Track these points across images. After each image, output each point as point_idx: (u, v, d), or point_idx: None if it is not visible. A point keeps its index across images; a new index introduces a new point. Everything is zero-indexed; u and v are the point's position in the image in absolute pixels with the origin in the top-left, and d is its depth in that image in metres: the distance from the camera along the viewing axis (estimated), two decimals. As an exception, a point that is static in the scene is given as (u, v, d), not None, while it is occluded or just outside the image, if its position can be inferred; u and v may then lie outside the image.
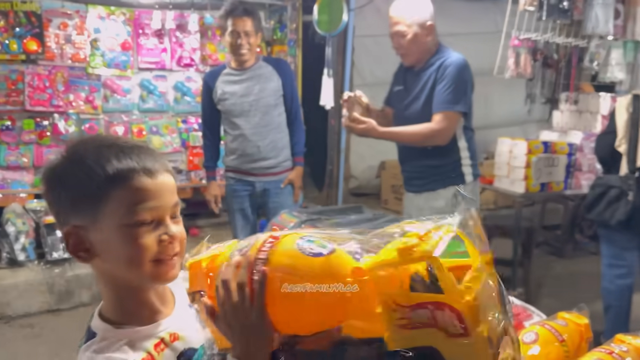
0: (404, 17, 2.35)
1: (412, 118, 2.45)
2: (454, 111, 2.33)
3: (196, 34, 4.22)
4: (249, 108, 2.93)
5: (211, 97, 2.97)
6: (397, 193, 5.32)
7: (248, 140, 2.95)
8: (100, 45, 4.01)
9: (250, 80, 2.94)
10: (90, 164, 0.81)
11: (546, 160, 3.09)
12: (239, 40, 2.82)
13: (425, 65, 2.41)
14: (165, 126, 4.31)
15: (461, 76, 2.33)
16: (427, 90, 2.39)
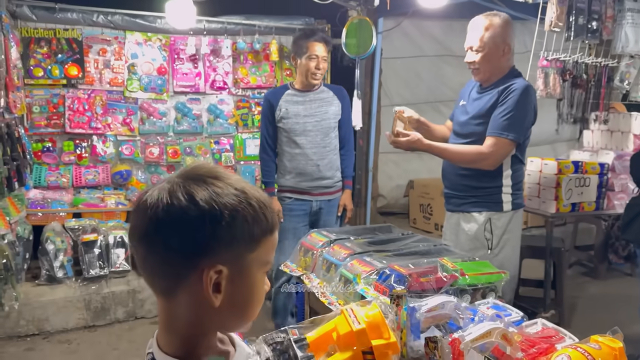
0: (482, 32, 2.34)
1: (466, 136, 2.45)
2: (507, 138, 2.30)
3: (229, 58, 4.36)
4: (311, 128, 3.07)
5: (273, 115, 3.10)
6: (426, 212, 5.31)
7: (309, 158, 3.08)
8: (137, 70, 4.18)
9: (313, 102, 3.10)
10: (257, 209, 0.80)
11: (577, 180, 3.07)
12: (318, 64, 2.98)
13: (492, 85, 2.40)
14: (198, 147, 4.44)
15: (523, 105, 2.29)
16: (485, 111, 2.38)
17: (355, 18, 3.87)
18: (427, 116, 6.03)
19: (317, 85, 3.10)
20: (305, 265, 2.57)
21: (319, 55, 2.98)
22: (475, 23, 2.38)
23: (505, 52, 2.36)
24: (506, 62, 2.40)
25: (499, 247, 2.47)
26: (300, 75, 3.07)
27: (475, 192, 2.46)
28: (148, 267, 0.81)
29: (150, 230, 0.77)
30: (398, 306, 1.81)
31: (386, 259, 2.19)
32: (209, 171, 0.82)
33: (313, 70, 3.00)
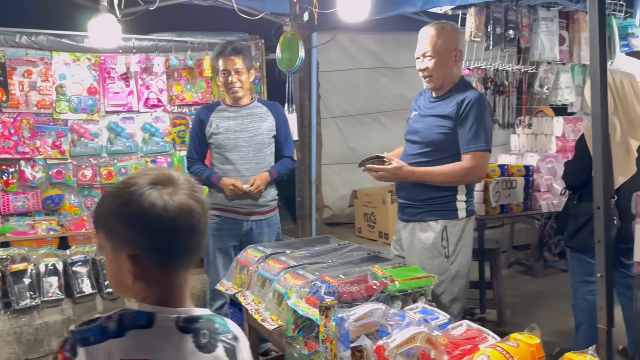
0: (435, 40, 2.38)
1: (421, 143, 2.46)
2: (483, 150, 2.34)
3: (163, 75, 4.29)
4: (243, 144, 3.01)
5: (204, 131, 3.04)
6: (370, 221, 5.38)
7: (241, 175, 3.00)
8: (66, 91, 4.04)
9: (245, 117, 3.05)
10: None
11: (504, 183, 3.19)
12: (230, 78, 2.96)
13: (446, 94, 2.43)
14: (134, 167, 4.33)
15: (483, 114, 2.34)
16: (444, 114, 2.38)
17: (288, 33, 3.91)
18: (368, 127, 6.17)
19: (247, 100, 3.06)
20: (242, 282, 2.55)
21: (230, 70, 2.94)
22: (427, 31, 2.43)
23: (457, 58, 2.42)
24: (457, 69, 2.46)
25: (455, 255, 2.48)
26: (225, 92, 3.06)
27: (432, 202, 2.46)
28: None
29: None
30: (327, 318, 1.82)
31: (319, 271, 2.20)
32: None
33: (228, 86, 2.98)
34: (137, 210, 0.98)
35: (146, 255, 1.00)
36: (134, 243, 1.00)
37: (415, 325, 1.78)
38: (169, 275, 1.04)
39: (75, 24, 3.82)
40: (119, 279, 1.03)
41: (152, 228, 0.99)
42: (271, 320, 2.11)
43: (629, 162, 2.65)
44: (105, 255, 1.04)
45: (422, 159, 2.45)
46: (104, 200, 1.04)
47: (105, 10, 3.05)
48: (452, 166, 2.39)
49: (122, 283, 1.03)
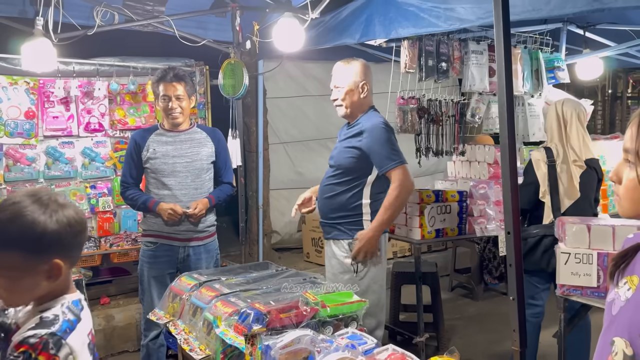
0: (344, 73, 2.70)
1: (337, 167, 2.71)
2: (400, 164, 2.58)
3: (105, 99, 4.23)
4: (181, 169, 2.97)
5: (139, 155, 2.98)
6: (317, 246, 5.40)
7: (178, 200, 2.94)
8: (1, 115, 3.93)
9: (183, 142, 3.01)
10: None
11: (439, 208, 3.30)
12: (171, 104, 2.94)
13: (356, 121, 2.71)
14: (73, 192, 4.21)
15: (389, 135, 2.62)
16: (351, 144, 2.66)
17: (232, 60, 3.95)
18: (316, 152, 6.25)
19: (185, 125, 3.04)
20: (174, 311, 2.50)
21: (171, 95, 2.93)
22: (338, 65, 2.75)
23: (363, 89, 2.68)
24: (365, 99, 2.71)
25: (365, 270, 2.67)
26: (163, 116, 3.03)
27: (341, 220, 2.70)
28: None
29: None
30: (253, 346, 1.82)
31: (251, 298, 2.19)
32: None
33: (168, 111, 2.95)
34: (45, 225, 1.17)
35: (66, 257, 1.23)
36: (61, 252, 1.21)
37: (341, 351, 1.81)
38: (70, 270, 1.28)
39: (11, 47, 3.73)
40: (30, 287, 1.21)
41: (68, 236, 1.22)
42: (199, 349, 2.08)
43: (573, 187, 2.91)
44: (9, 271, 1.17)
45: (333, 180, 2.72)
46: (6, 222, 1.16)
47: (40, 34, 3.00)
48: (390, 195, 2.59)
49: (33, 290, 1.21)
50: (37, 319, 1.19)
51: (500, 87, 1.67)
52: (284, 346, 1.87)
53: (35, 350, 1.12)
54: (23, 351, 1.12)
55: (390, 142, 2.61)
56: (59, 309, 1.23)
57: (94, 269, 4.17)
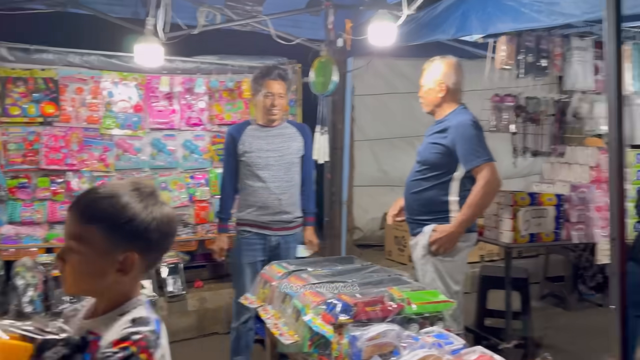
0: (426, 72, 2.81)
1: (422, 162, 2.76)
2: (488, 161, 2.56)
3: (204, 96, 4.49)
4: (273, 163, 3.11)
5: (235, 149, 3.13)
6: (400, 245, 5.37)
7: (271, 192, 3.10)
8: (113, 108, 4.29)
9: (275, 137, 3.15)
10: None
11: (534, 211, 3.16)
12: (273, 101, 3.06)
13: (442, 119, 2.75)
14: (174, 182, 4.51)
15: (476, 132, 2.62)
16: (434, 142, 2.71)
17: (323, 57, 4.03)
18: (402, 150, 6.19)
19: (278, 121, 3.17)
20: (264, 297, 2.62)
21: (274, 93, 3.04)
22: (426, 64, 2.85)
23: (442, 88, 2.71)
24: (446, 98, 2.72)
25: (433, 263, 2.68)
26: (259, 112, 3.15)
27: (427, 217, 2.73)
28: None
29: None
30: (340, 335, 1.86)
31: (338, 289, 2.25)
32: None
33: (269, 108, 3.06)
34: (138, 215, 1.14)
35: (144, 254, 1.17)
36: (138, 243, 1.16)
37: (427, 348, 1.80)
38: (142, 272, 1.23)
39: (124, 46, 4.07)
40: (98, 274, 1.15)
41: (154, 232, 1.17)
42: (288, 335, 2.17)
43: None
44: (87, 248, 1.13)
45: (419, 175, 2.75)
46: (106, 198, 1.14)
47: (150, 33, 3.25)
48: (475, 191, 2.57)
49: (100, 279, 1.15)
50: (128, 319, 1.14)
51: (609, 87, 1.58)
52: (371, 338, 1.90)
53: (138, 347, 1.08)
54: (124, 347, 1.07)
55: (477, 139, 2.59)
56: (143, 309, 1.19)
57: (190, 253, 4.44)
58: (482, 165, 2.54)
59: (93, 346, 1.12)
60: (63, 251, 1.16)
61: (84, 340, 1.13)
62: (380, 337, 1.90)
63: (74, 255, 1.14)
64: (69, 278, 1.15)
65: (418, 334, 2.01)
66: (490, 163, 2.56)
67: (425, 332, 2.01)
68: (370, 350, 1.89)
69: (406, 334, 1.95)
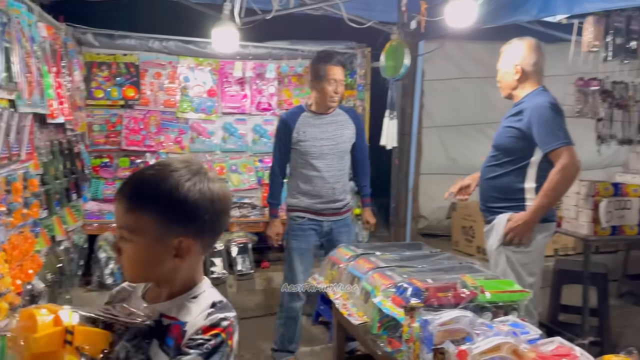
0: (501, 55, 2.70)
1: (496, 147, 2.67)
2: (567, 144, 2.44)
3: (274, 81, 4.56)
4: (328, 151, 3.08)
5: (289, 137, 3.08)
6: (468, 235, 5.24)
7: (326, 182, 3.09)
8: (189, 92, 4.45)
9: (329, 125, 3.11)
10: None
11: (617, 202, 2.98)
12: (336, 88, 3.01)
13: (519, 102, 2.64)
14: (243, 165, 4.64)
15: (554, 115, 2.49)
16: (509, 126, 2.60)
17: (394, 41, 3.97)
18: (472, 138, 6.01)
19: (333, 109, 3.11)
20: (332, 278, 2.65)
21: (337, 80, 2.98)
22: (502, 47, 2.73)
23: (517, 71, 2.60)
24: (522, 80, 2.61)
25: (505, 254, 2.58)
26: (318, 99, 3.07)
27: (503, 204, 2.63)
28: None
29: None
30: (412, 318, 1.85)
31: (407, 274, 2.23)
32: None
33: (331, 94, 2.99)
34: (192, 197, 1.06)
35: (198, 237, 1.10)
36: (191, 226, 1.08)
37: (503, 336, 1.76)
38: (203, 254, 1.17)
39: (200, 31, 4.20)
40: (155, 262, 1.08)
41: (207, 212, 1.08)
42: (357, 315, 2.18)
43: None
44: (139, 236, 1.06)
45: (494, 161, 2.65)
46: (152, 181, 1.07)
47: (227, 18, 3.33)
48: (552, 176, 2.45)
49: (157, 266, 1.08)
50: (207, 303, 1.10)
51: None
52: (443, 323, 1.87)
53: (227, 333, 1.05)
54: (216, 334, 1.04)
55: (555, 121, 2.46)
56: (214, 292, 1.15)
57: (258, 234, 4.56)
58: (560, 149, 2.41)
59: (174, 330, 1.06)
60: (118, 241, 1.10)
61: (160, 324, 1.07)
62: (453, 322, 1.87)
63: (128, 245, 1.07)
64: (128, 267, 1.10)
65: (492, 322, 1.96)
66: (569, 147, 2.43)
67: (500, 321, 1.96)
68: (441, 335, 1.86)
69: (480, 321, 1.91)
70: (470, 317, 1.89)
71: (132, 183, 1.09)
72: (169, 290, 1.12)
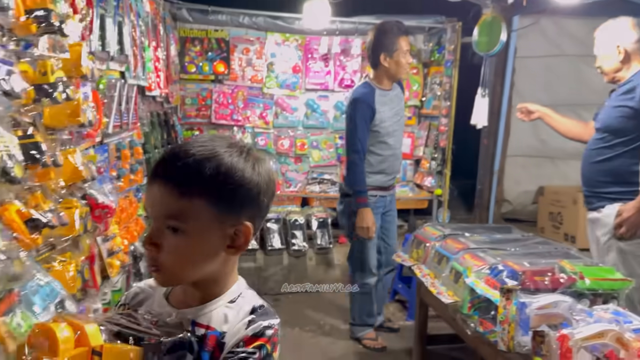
0: (599, 37, 2.56)
1: (599, 130, 2.55)
2: None
3: (358, 57, 4.54)
4: (396, 127, 3.08)
5: (373, 120, 2.95)
6: (555, 221, 5.00)
7: (396, 158, 3.13)
8: (274, 68, 4.53)
9: (392, 100, 3.06)
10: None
11: None
12: (408, 59, 2.99)
13: (624, 82, 2.50)
14: (324, 141, 4.69)
15: None
16: (617, 105, 2.47)
17: (488, 15, 3.80)
18: (565, 119, 5.63)
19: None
20: (417, 256, 2.64)
21: (409, 50, 2.96)
22: (595, 32, 2.59)
23: (619, 52, 2.46)
24: (626, 60, 2.47)
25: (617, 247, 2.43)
26: (391, 73, 2.97)
27: (612, 189, 2.47)
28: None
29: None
30: (508, 300, 1.82)
31: (500, 256, 2.18)
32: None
33: (405, 66, 2.94)
34: (249, 177, 0.91)
35: (253, 223, 0.94)
36: (249, 210, 0.93)
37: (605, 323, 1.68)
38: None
39: (288, 7, 4.24)
40: (206, 256, 0.91)
41: (265, 195, 0.94)
42: (447, 294, 2.17)
43: None
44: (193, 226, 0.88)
45: (601, 143, 2.51)
46: (206, 161, 0.88)
47: (319, -7, 3.34)
48: None
49: (208, 261, 0.92)
50: (246, 308, 0.93)
51: None
52: (541, 307, 1.83)
53: (272, 344, 0.89)
54: (260, 345, 0.88)
55: None
56: (253, 294, 0.97)
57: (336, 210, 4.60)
58: None
59: (210, 342, 0.89)
60: (156, 235, 0.89)
61: (192, 334, 0.90)
62: (551, 307, 1.82)
63: (175, 238, 0.88)
64: (172, 265, 0.90)
65: (592, 309, 1.88)
66: None
67: (600, 309, 1.88)
68: (538, 319, 1.82)
69: (579, 307, 1.84)
70: (569, 302, 1.83)
71: (182, 163, 0.88)
72: (202, 292, 0.94)
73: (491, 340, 1.87)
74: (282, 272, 4.06)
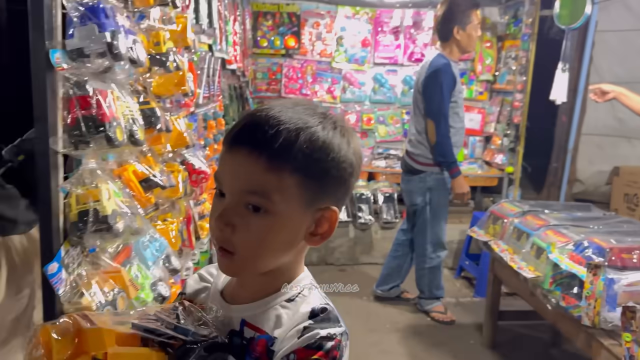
0: None
1: None
2: None
3: (429, 30, 4.46)
4: (463, 99, 3.20)
5: (454, 91, 3.05)
6: (631, 203, 4.79)
7: (463, 130, 3.22)
8: (343, 42, 4.54)
9: (459, 73, 3.17)
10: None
11: None
12: (479, 32, 3.08)
13: None
14: (391, 117, 4.68)
15: None
16: None
17: (572, -14, 3.64)
18: (644, 95, 5.34)
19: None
20: (494, 232, 2.64)
21: (479, 23, 3.04)
22: None
23: None
24: None
25: None
26: (462, 46, 3.06)
27: None
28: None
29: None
30: (595, 276, 1.80)
31: (584, 233, 2.15)
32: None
33: (476, 39, 3.06)
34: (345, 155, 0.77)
35: (339, 205, 0.80)
36: (338, 191, 0.79)
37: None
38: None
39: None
40: (287, 242, 0.77)
41: (355, 174, 0.80)
42: (528, 270, 2.16)
43: None
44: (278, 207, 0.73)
45: None
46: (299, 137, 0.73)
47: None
48: None
49: (286, 249, 0.78)
50: (304, 310, 0.76)
51: None
52: (630, 284, 1.81)
53: (330, 359, 0.70)
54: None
55: None
56: (317, 293, 0.80)
57: (401, 185, 4.61)
58: None
59: (259, 347, 0.75)
60: (232, 212, 0.74)
61: (240, 336, 0.77)
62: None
63: (255, 218, 0.74)
64: (245, 252, 0.75)
65: (685, 290, 1.83)
66: None
67: (694, 290, 1.83)
68: (626, 296, 1.80)
69: (671, 287, 1.80)
70: (661, 281, 1.80)
71: (273, 132, 0.72)
72: (261, 286, 0.79)
73: (574, 315, 1.86)
74: (348, 243, 4.14)
